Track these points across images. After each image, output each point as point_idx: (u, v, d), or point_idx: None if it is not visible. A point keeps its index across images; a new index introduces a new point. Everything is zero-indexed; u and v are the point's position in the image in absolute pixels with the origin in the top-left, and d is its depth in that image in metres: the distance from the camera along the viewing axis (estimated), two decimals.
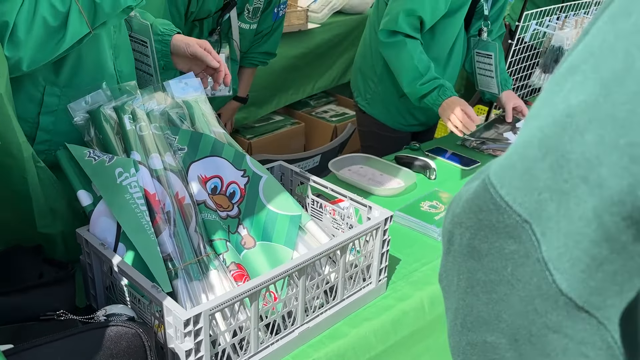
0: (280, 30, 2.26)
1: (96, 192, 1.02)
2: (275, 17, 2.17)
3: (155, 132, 1.13)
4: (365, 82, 2.05)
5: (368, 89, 2.03)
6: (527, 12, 2.02)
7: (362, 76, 2.06)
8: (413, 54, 1.76)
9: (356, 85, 2.10)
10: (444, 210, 1.47)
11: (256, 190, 1.13)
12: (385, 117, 2.04)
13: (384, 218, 1.11)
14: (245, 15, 2.04)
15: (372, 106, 2.04)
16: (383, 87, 1.99)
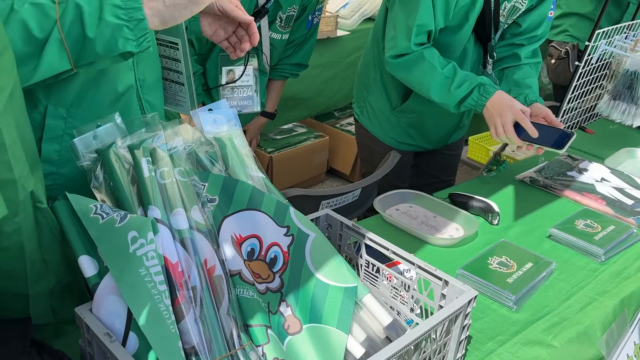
0: (314, 40, 2.03)
1: (103, 260, 0.79)
2: (309, 25, 1.94)
3: (180, 179, 0.90)
4: (359, 88, 1.86)
5: (361, 97, 1.84)
6: (599, 31, 1.77)
7: (359, 81, 1.87)
8: (433, 61, 1.53)
9: (355, 94, 1.91)
10: (516, 270, 1.23)
11: (302, 254, 0.90)
12: (378, 130, 1.83)
13: (468, 300, 0.87)
14: (277, 24, 1.81)
15: (364, 116, 1.84)
16: (376, 96, 1.78)
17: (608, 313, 1.18)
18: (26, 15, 0.75)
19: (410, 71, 1.57)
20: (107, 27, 0.78)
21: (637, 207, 1.54)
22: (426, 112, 1.76)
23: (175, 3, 0.81)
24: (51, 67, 0.78)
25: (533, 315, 1.13)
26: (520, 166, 1.80)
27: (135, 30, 0.80)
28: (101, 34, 0.78)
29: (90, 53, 0.80)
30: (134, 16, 0.79)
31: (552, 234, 1.39)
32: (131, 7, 0.79)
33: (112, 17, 0.78)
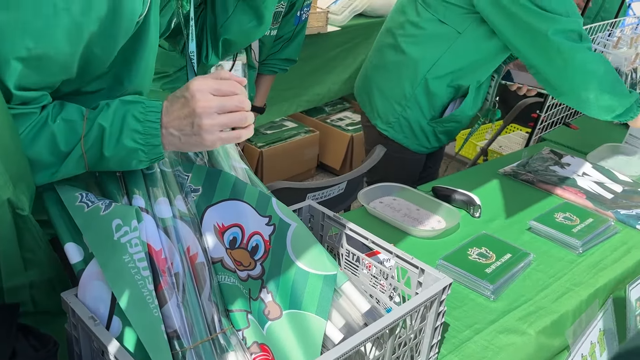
0: (303, 35, 2.05)
1: (89, 247, 0.81)
2: (298, 20, 1.96)
3: (165, 170, 0.92)
4: (388, 104, 1.81)
5: (392, 112, 1.81)
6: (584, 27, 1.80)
7: (383, 97, 1.82)
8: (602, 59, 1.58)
9: (372, 107, 1.86)
10: (495, 260, 1.26)
11: (283, 243, 0.93)
12: (410, 141, 1.84)
13: (442, 287, 0.90)
14: None
15: (396, 130, 1.82)
16: (413, 111, 1.78)
17: (581, 302, 1.21)
18: (57, 130, 0.80)
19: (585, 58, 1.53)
20: (123, 149, 0.82)
21: (615, 200, 1.58)
22: (465, 120, 1.83)
23: (190, 143, 0.84)
24: (68, 172, 0.84)
25: (510, 304, 1.17)
26: (504, 160, 1.83)
27: (150, 154, 0.83)
28: (117, 154, 0.82)
29: (104, 166, 0.85)
30: (150, 142, 0.82)
31: (532, 226, 1.43)
32: (150, 133, 0.82)
33: (130, 141, 0.82)
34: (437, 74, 1.70)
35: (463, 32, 1.64)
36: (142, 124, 0.82)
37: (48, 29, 0.73)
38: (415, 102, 1.76)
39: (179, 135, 0.83)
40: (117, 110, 0.82)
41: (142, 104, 0.83)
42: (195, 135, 0.82)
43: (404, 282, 0.98)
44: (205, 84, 0.82)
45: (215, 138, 0.83)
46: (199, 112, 0.81)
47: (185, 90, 0.82)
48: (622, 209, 1.53)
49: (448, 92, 1.75)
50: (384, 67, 1.80)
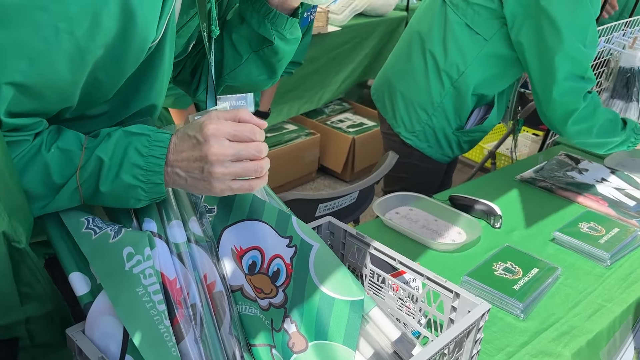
0: (309, 37, 1.98)
1: (97, 278, 0.74)
2: (305, 22, 1.89)
3: (177, 189, 0.85)
4: (413, 112, 1.73)
5: (418, 121, 1.73)
6: (599, 28, 1.74)
7: (409, 105, 1.74)
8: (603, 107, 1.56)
9: (395, 114, 1.78)
10: (522, 276, 1.19)
11: (306, 267, 0.85)
12: (433, 150, 1.76)
13: (481, 314, 0.83)
14: None
15: (421, 139, 1.75)
16: (439, 119, 1.70)
17: (615, 320, 1.15)
18: (51, 160, 0.72)
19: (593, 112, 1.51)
20: (121, 185, 0.73)
21: (638, 207, 1.51)
22: (490, 129, 1.79)
23: (197, 186, 0.75)
24: (61, 206, 0.75)
25: (541, 323, 1.10)
26: (520, 166, 1.77)
27: (150, 193, 0.74)
28: (114, 190, 0.73)
29: (100, 201, 0.76)
30: (151, 179, 0.73)
31: (556, 237, 1.36)
32: (152, 169, 0.73)
33: (129, 176, 0.73)
34: (465, 82, 1.63)
35: (490, 40, 1.57)
36: (145, 158, 0.73)
37: (47, 52, 0.64)
38: (442, 110, 1.68)
39: (185, 176, 0.74)
40: (118, 142, 0.73)
41: (147, 136, 0.73)
42: (204, 181, 0.74)
43: (435, 306, 0.91)
44: (222, 129, 0.73)
45: (226, 187, 0.74)
46: (211, 160, 0.72)
47: (198, 132, 0.73)
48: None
49: (472, 101, 1.68)
50: (411, 74, 1.71)
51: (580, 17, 1.42)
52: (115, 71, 0.73)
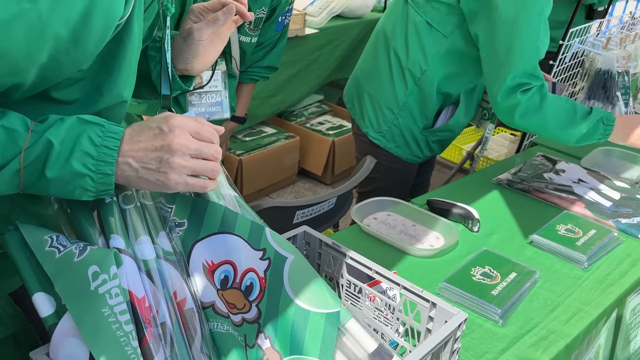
0: (284, 41, 1.96)
1: (61, 298, 0.71)
2: (280, 26, 1.87)
3: (145, 203, 0.82)
4: (380, 112, 1.74)
5: (385, 121, 1.73)
6: (573, 30, 1.75)
7: (375, 105, 1.75)
8: (555, 99, 1.50)
9: (363, 114, 1.78)
10: (500, 280, 1.19)
11: (280, 280, 0.84)
12: (402, 150, 1.76)
13: (458, 324, 0.82)
14: (246, 27, 1.73)
15: (388, 139, 1.75)
16: (405, 119, 1.71)
17: (592, 323, 1.15)
18: None
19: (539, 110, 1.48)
20: (69, 172, 0.70)
21: (614, 209, 1.52)
22: (459, 129, 1.79)
23: (149, 179, 0.73)
24: None
25: (520, 329, 1.10)
26: (497, 168, 1.77)
27: (98, 184, 0.72)
28: (60, 178, 0.70)
29: (41, 189, 0.72)
30: (102, 170, 0.71)
31: (534, 240, 1.36)
32: (103, 160, 0.71)
33: (79, 164, 0.70)
34: (429, 81, 1.63)
35: (450, 36, 1.57)
36: (97, 148, 0.71)
37: (5, 15, 0.61)
38: (408, 109, 1.68)
39: (137, 167, 0.72)
40: (71, 128, 0.71)
41: (101, 126, 0.72)
42: (160, 172, 0.73)
43: (413, 316, 0.90)
44: (187, 123, 0.73)
45: (181, 181, 0.74)
46: (174, 148, 0.72)
47: (162, 123, 0.72)
48: (622, 217, 1.48)
49: (438, 100, 1.68)
50: (377, 73, 1.72)
51: (530, 13, 1.42)
52: (78, 51, 0.70)
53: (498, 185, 1.64)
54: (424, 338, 0.91)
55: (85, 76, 0.76)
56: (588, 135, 1.51)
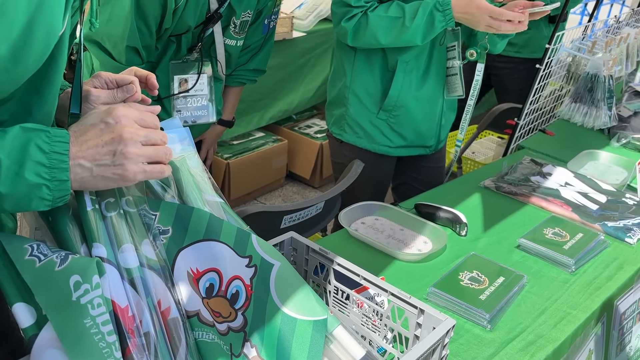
0: (271, 44, 1.95)
1: (42, 308, 0.70)
2: (266, 29, 1.86)
3: (128, 210, 0.81)
4: (336, 107, 1.81)
5: (340, 115, 1.79)
6: (559, 33, 1.76)
7: (331, 102, 1.84)
8: (380, 13, 1.58)
9: (328, 115, 1.87)
10: (488, 285, 1.19)
11: (267, 287, 0.83)
12: (366, 142, 1.77)
13: (446, 331, 0.81)
14: (231, 30, 1.72)
15: (348, 132, 1.78)
16: (354, 108, 1.75)
17: (579, 327, 1.15)
18: None
19: (362, 34, 1.59)
20: (24, 185, 0.68)
21: (601, 212, 1.53)
22: (410, 103, 1.71)
23: (105, 175, 0.72)
24: None
25: (508, 334, 1.09)
26: (484, 171, 1.77)
27: (55, 191, 0.70)
28: (15, 191, 0.68)
29: None
30: (57, 176, 0.69)
31: (522, 244, 1.36)
32: (57, 167, 0.69)
33: (33, 175, 0.68)
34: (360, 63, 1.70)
35: None
36: (47, 155, 0.68)
37: None
38: (354, 97, 1.73)
39: (91, 167, 0.71)
40: (16, 139, 0.68)
41: (46, 132, 0.69)
42: (116, 165, 0.72)
43: (400, 322, 0.89)
44: (131, 112, 0.73)
45: (140, 170, 0.73)
46: (126, 138, 0.71)
47: (105, 116, 0.72)
48: (609, 221, 1.48)
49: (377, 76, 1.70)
50: (330, 76, 1.84)
51: None
52: (18, 69, 0.68)
53: (485, 189, 1.65)
54: (412, 344, 0.90)
55: (12, 96, 0.74)
56: (428, 28, 1.55)
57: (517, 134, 1.93)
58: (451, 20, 1.54)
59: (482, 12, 1.50)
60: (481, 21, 1.51)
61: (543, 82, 1.86)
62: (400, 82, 1.67)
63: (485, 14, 1.50)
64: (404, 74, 1.67)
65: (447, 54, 1.70)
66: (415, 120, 1.74)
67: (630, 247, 1.41)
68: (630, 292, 1.30)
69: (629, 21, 2.27)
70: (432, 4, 1.53)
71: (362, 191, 1.75)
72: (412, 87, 1.69)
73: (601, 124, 1.96)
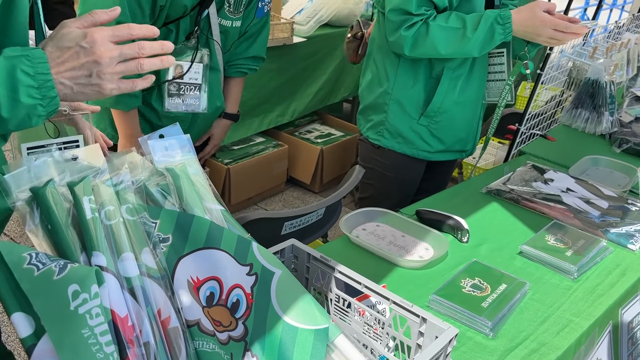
0: (267, 31, 1.93)
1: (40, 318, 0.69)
2: (261, 13, 1.84)
3: (128, 218, 0.80)
4: (373, 113, 1.77)
5: (379, 120, 1.76)
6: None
7: (369, 107, 1.80)
8: (440, 22, 1.54)
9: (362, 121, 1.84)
10: (490, 292, 1.18)
11: (267, 295, 0.82)
12: (404, 147, 1.76)
13: (448, 340, 0.81)
14: (225, 10, 1.70)
15: (387, 138, 1.76)
16: (394, 113, 1.73)
17: (582, 335, 1.14)
18: None
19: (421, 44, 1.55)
20: (23, 108, 0.78)
21: (603, 218, 1.52)
22: (452, 108, 1.72)
23: (85, 92, 0.82)
24: None
25: (510, 341, 1.09)
26: (486, 177, 1.76)
27: (48, 107, 0.80)
28: (16, 115, 0.79)
29: (2, 128, 0.80)
30: (47, 94, 0.79)
31: (524, 250, 1.35)
32: (44, 86, 0.79)
33: (27, 98, 0.78)
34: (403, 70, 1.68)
35: None
36: (34, 78, 0.78)
37: None
38: (396, 102, 1.71)
39: (71, 85, 0.81)
40: (1, 69, 0.77)
41: (26, 56, 0.78)
42: (93, 85, 0.82)
43: (403, 331, 0.89)
44: (102, 32, 0.80)
45: (115, 87, 0.83)
46: (100, 61, 0.80)
47: (80, 40, 0.80)
48: (611, 227, 1.47)
49: (420, 83, 1.69)
50: (368, 81, 1.79)
51: None
52: None
53: (487, 194, 1.64)
54: (414, 353, 0.89)
55: None
56: (487, 41, 1.54)
57: (518, 140, 1.92)
58: (510, 33, 1.54)
59: (546, 25, 1.49)
60: (543, 34, 1.51)
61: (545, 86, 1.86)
62: (445, 89, 1.68)
63: (548, 26, 1.49)
64: (450, 81, 1.67)
65: (490, 60, 1.73)
66: (456, 125, 1.75)
67: (633, 254, 1.40)
68: (635, 300, 1.29)
69: (630, 26, 2.27)
70: (493, 16, 1.52)
71: (390, 194, 1.76)
72: (456, 93, 1.70)
73: (603, 130, 1.96)
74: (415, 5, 1.51)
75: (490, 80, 1.75)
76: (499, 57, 1.67)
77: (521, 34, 1.55)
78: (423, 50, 1.56)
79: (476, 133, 1.83)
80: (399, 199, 1.78)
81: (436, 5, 1.55)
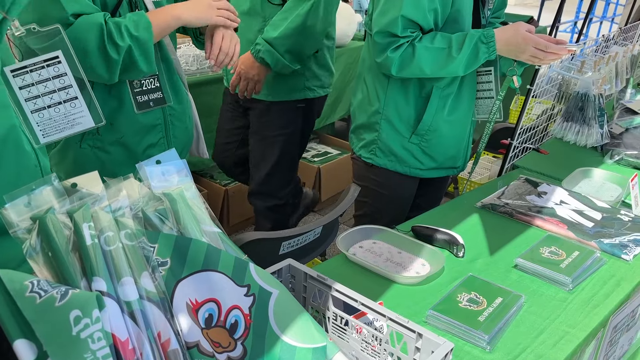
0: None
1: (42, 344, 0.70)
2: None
3: (127, 243, 0.82)
4: (365, 132, 1.80)
5: (371, 140, 1.79)
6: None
7: (361, 127, 1.83)
8: (426, 43, 1.57)
9: (354, 140, 1.87)
10: (486, 306, 1.19)
11: (265, 316, 0.84)
12: (395, 165, 1.79)
13: (444, 354, 0.82)
14: None
15: (380, 156, 1.79)
16: (386, 132, 1.76)
17: (578, 346, 1.15)
18: None
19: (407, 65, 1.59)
20: None
21: (596, 229, 1.54)
22: (442, 127, 1.74)
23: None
24: None
25: (508, 354, 1.10)
26: (480, 192, 1.78)
27: None
28: None
29: None
30: None
31: (519, 264, 1.37)
32: None
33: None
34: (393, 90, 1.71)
35: None
36: None
37: None
38: (387, 120, 1.74)
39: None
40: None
41: None
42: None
43: (399, 347, 0.90)
44: None
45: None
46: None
47: None
48: (604, 238, 1.49)
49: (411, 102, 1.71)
50: (359, 101, 1.82)
51: None
52: None
53: (482, 209, 1.66)
54: None
55: None
56: (472, 60, 1.58)
57: (511, 154, 1.95)
58: (494, 52, 1.58)
59: (528, 43, 1.54)
60: (526, 52, 1.55)
61: (536, 100, 1.89)
62: (434, 108, 1.70)
63: (530, 44, 1.54)
64: (439, 100, 1.70)
65: (479, 78, 1.76)
66: (447, 142, 1.78)
67: (627, 264, 1.42)
68: (624, 308, 1.30)
69: (617, 39, 2.31)
70: (477, 36, 1.56)
71: (385, 211, 1.78)
72: (445, 111, 1.73)
73: (593, 142, 1.99)
74: (401, 28, 1.55)
75: (479, 97, 1.79)
76: (487, 75, 1.71)
77: (505, 52, 1.59)
78: (410, 71, 1.60)
79: (467, 150, 1.86)
80: (394, 216, 1.80)
81: (422, 27, 1.58)
